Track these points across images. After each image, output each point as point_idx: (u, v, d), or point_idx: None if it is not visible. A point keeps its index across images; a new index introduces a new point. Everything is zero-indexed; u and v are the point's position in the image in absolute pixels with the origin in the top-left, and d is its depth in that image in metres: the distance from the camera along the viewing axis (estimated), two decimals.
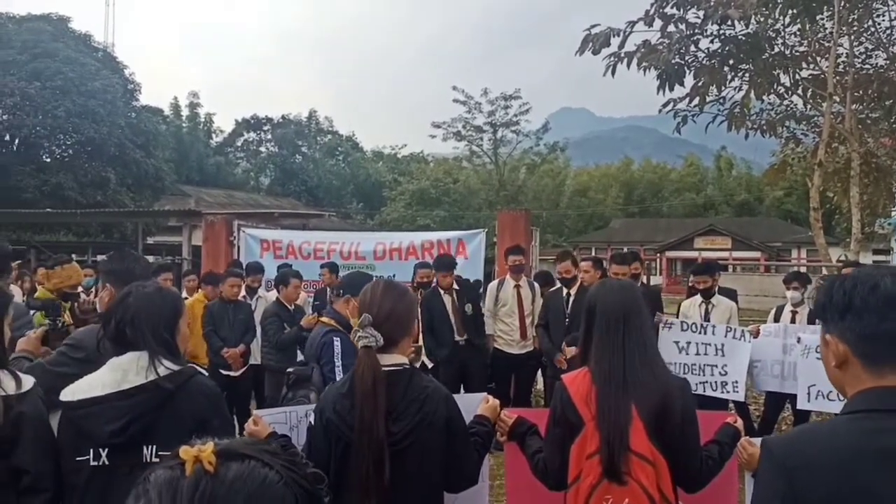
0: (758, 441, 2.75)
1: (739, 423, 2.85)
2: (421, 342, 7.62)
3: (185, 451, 0.98)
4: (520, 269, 8.19)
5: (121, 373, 2.45)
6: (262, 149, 62.11)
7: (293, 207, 38.83)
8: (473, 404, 2.92)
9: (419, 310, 7.72)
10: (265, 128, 61.53)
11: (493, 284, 8.40)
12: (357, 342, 2.52)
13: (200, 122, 58.23)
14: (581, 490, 2.50)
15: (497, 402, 2.97)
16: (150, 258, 21.45)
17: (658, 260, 45.69)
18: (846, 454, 1.50)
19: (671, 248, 45.40)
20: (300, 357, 6.25)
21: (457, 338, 7.73)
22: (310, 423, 2.68)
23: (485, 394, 3.09)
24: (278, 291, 7.82)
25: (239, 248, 10.93)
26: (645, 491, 2.44)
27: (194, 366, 2.57)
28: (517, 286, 8.11)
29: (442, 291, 7.83)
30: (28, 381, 2.49)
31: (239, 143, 62.51)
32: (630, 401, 2.51)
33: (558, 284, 7.86)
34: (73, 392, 2.46)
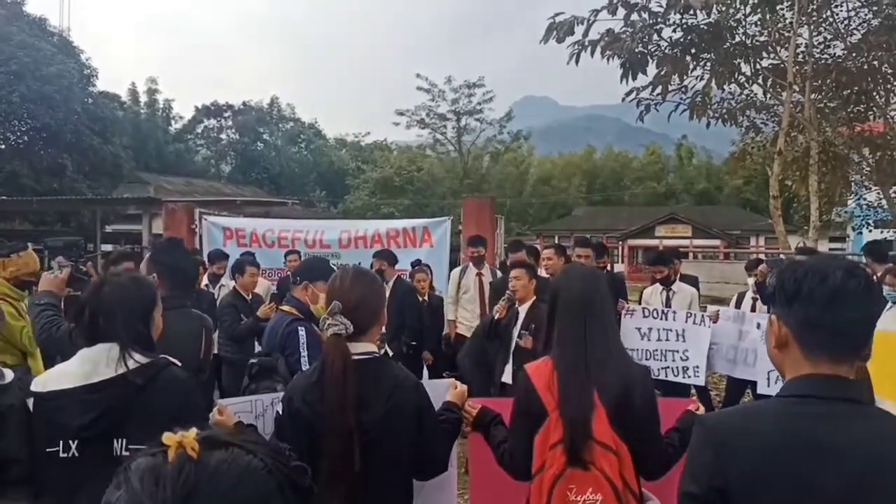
0: None
1: (701, 410, 2.87)
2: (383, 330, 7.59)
3: (168, 438, 0.98)
4: (480, 261, 8.23)
5: (91, 365, 2.41)
6: (223, 136, 61.32)
7: (255, 195, 38.50)
8: (441, 390, 2.92)
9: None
10: (226, 114, 60.70)
11: (456, 271, 8.50)
12: (326, 330, 2.50)
13: (159, 109, 57.28)
14: (545, 480, 2.51)
15: (465, 387, 2.97)
16: (109, 247, 21.16)
17: (620, 248, 46.09)
18: (774, 436, 1.56)
19: (633, 235, 45.83)
20: (258, 348, 6.13)
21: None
22: (277, 412, 2.66)
23: (452, 380, 3.08)
24: (234, 280, 7.70)
25: (201, 236, 10.79)
26: (608, 479, 2.46)
27: (166, 357, 2.52)
28: (479, 273, 8.21)
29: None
30: (9, 375, 2.48)
31: (199, 130, 61.64)
32: (592, 388, 2.52)
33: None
34: (44, 383, 2.44)
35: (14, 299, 4.96)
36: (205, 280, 8.08)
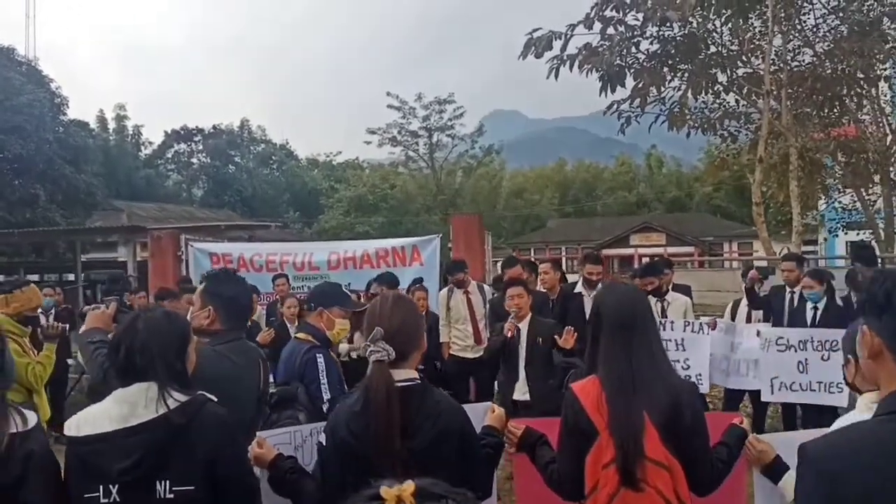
0: (765, 437, 2.79)
1: (746, 424, 2.88)
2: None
3: (386, 492, 0.99)
4: (462, 284, 8.24)
5: (128, 406, 2.35)
6: (194, 160, 60.90)
7: (229, 218, 38.19)
8: (479, 414, 2.90)
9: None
10: (196, 138, 60.29)
11: (444, 293, 8.47)
12: (369, 356, 2.48)
13: (128, 135, 56.84)
14: (599, 500, 2.49)
15: (503, 410, 2.95)
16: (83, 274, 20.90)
17: None
18: (886, 456, 1.53)
19: (608, 245, 46.12)
20: None
21: None
22: (319, 442, 2.63)
23: (490, 403, 3.06)
24: None
25: (187, 262, 10.69)
26: (663, 497, 2.44)
27: (204, 393, 2.48)
28: (466, 292, 8.23)
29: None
30: (32, 418, 2.39)
31: (169, 155, 61.22)
32: (641, 406, 2.50)
33: None
34: (79, 426, 2.36)
35: (18, 335, 4.90)
36: None
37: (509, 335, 6.02)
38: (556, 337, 5.89)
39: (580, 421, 2.56)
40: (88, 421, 2.37)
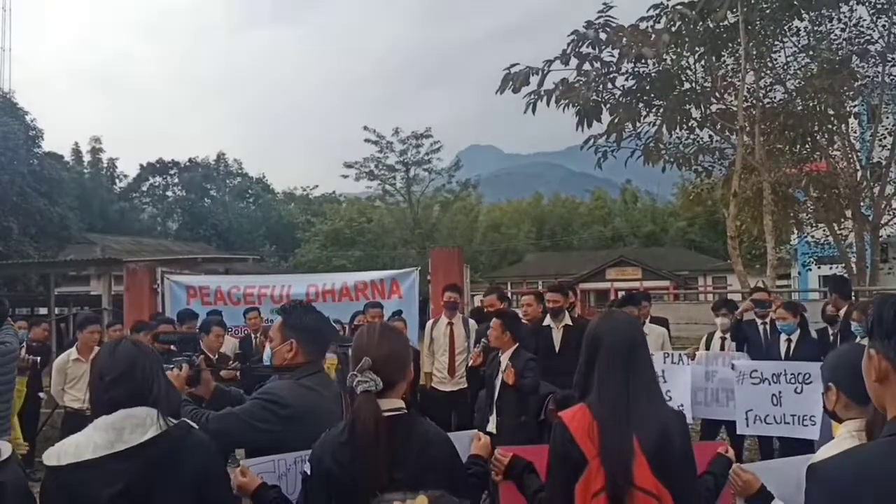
0: (749, 467, 2.80)
1: (731, 453, 2.89)
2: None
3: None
4: (454, 307, 8.24)
5: (114, 433, 2.32)
6: (169, 193, 60.79)
7: (204, 252, 37.92)
8: (464, 442, 2.89)
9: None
10: (171, 172, 60.26)
11: (430, 323, 8.49)
12: (356, 386, 2.47)
13: (103, 168, 56.64)
14: None
15: (488, 439, 2.94)
16: (57, 310, 20.61)
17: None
18: (892, 478, 1.54)
19: (584, 280, 46.26)
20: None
21: None
22: (304, 472, 2.61)
23: (475, 431, 3.05)
24: (200, 340, 7.55)
25: (163, 295, 10.57)
26: None
27: (187, 420, 2.47)
28: (450, 324, 8.19)
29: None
30: (7, 449, 2.34)
31: (144, 188, 61.07)
32: (632, 435, 2.51)
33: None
34: (59, 456, 2.31)
35: None
36: None
37: (470, 363, 6.09)
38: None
39: (569, 449, 2.55)
40: (70, 450, 2.33)
